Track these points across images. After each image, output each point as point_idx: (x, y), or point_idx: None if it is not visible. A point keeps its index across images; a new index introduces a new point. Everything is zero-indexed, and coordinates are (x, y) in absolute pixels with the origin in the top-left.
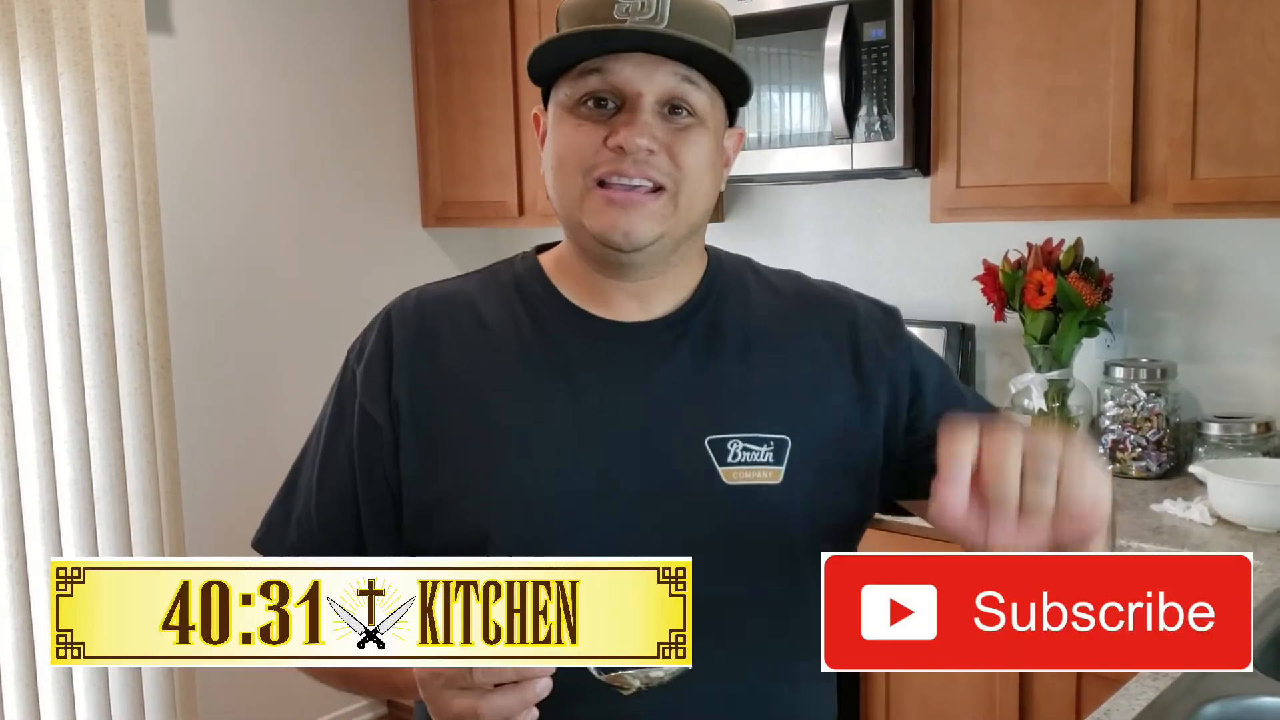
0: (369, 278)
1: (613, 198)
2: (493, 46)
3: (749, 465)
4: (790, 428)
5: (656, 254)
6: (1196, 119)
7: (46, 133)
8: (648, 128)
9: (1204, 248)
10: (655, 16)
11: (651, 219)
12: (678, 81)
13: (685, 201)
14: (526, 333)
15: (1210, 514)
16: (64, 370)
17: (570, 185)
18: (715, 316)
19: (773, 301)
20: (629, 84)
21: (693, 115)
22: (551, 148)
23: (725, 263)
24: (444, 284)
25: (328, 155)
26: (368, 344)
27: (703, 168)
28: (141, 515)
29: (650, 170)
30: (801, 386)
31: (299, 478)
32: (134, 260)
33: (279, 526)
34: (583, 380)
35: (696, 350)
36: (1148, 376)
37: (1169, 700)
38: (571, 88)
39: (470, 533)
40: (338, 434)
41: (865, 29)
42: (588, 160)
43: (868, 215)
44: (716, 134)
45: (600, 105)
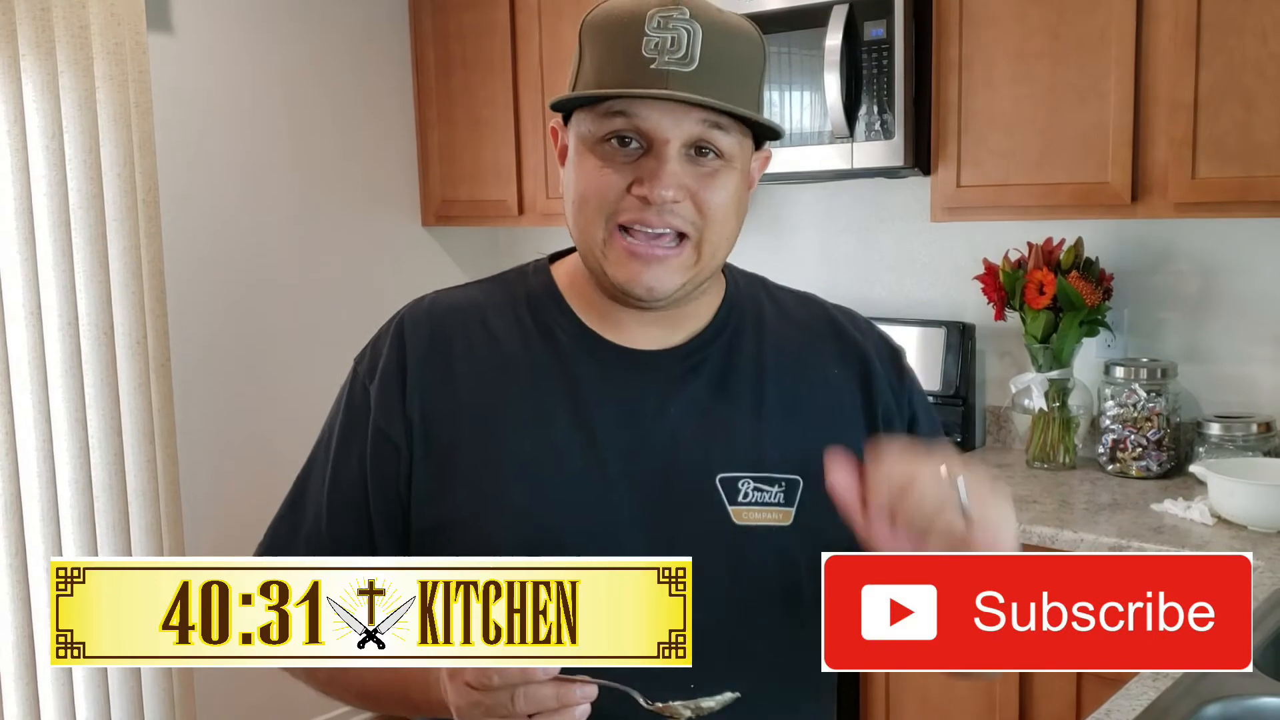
0: (369, 277)
1: (636, 250)
2: (493, 46)
3: (760, 506)
4: (802, 467)
5: (678, 299)
6: (1197, 118)
7: (46, 131)
8: (674, 177)
9: (1204, 247)
10: (686, 58)
11: (674, 271)
12: (705, 128)
13: (709, 250)
14: (539, 355)
15: (1210, 514)
16: (63, 368)
17: (593, 228)
18: (731, 348)
19: (788, 330)
20: (656, 130)
21: (720, 158)
22: (574, 183)
23: (741, 286)
24: (456, 293)
25: (327, 154)
26: (380, 357)
27: (728, 212)
28: (141, 513)
29: (674, 220)
30: (814, 421)
31: (306, 491)
32: (134, 258)
33: (285, 541)
34: (595, 409)
35: (710, 384)
36: (1148, 376)
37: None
38: (595, 124)
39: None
40: (348, 448)
41: (865, 28)
42: (610, 205)
43: (868, 214)
44: (743, 172)
45: (624, 143)
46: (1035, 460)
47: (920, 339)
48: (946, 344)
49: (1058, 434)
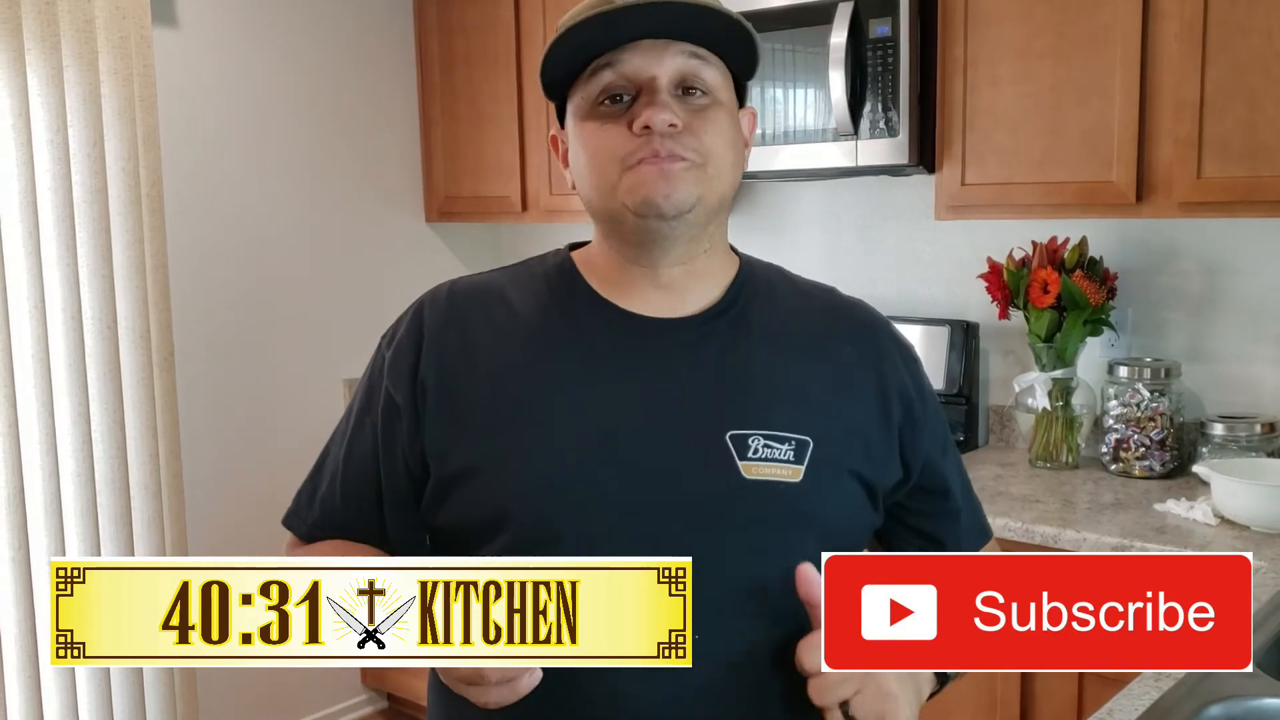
0: (372, 272)
1: (648, 169)
2: (497, 41)
3: (769, 461)
4: (813, 430)
5: (694, 222)
6: (1202, 117)
7: (51, 125)
8: (667, 106)
9: (1209, 247)
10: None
11: (688, 182)
12: (687, 59)
13: (714, 172)
14: (556, 322)
15: (1213, 514)
16: (67, 362)
17: (606, 175)
18: (743, 317)
19: (802, 306)
20: (641, 71)
21: (707, 94)
22: (582, 153)
23: (757, 268)
24: (476, 276)
25: (331, 149)
26: (399, 330)
27: (725, 144)
28: (143, 507)
29: (677, 148)
30: (826, 390)
31: (327, 458)
32: (137, 253)
33: (305, 505)
34: (609, 370)
35: (723, 348)
36: (1152, 376)
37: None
38: (586, 90)
39: (489, 511)
40: (365, 415)
41: (871, 25)
42: (620, 151)
43: (872, 212)
44: (731, 112)
45: (617, 101)
46: (1038, 459)
47: (924, 337)
48: (950, 342)
49: (1061, 433)
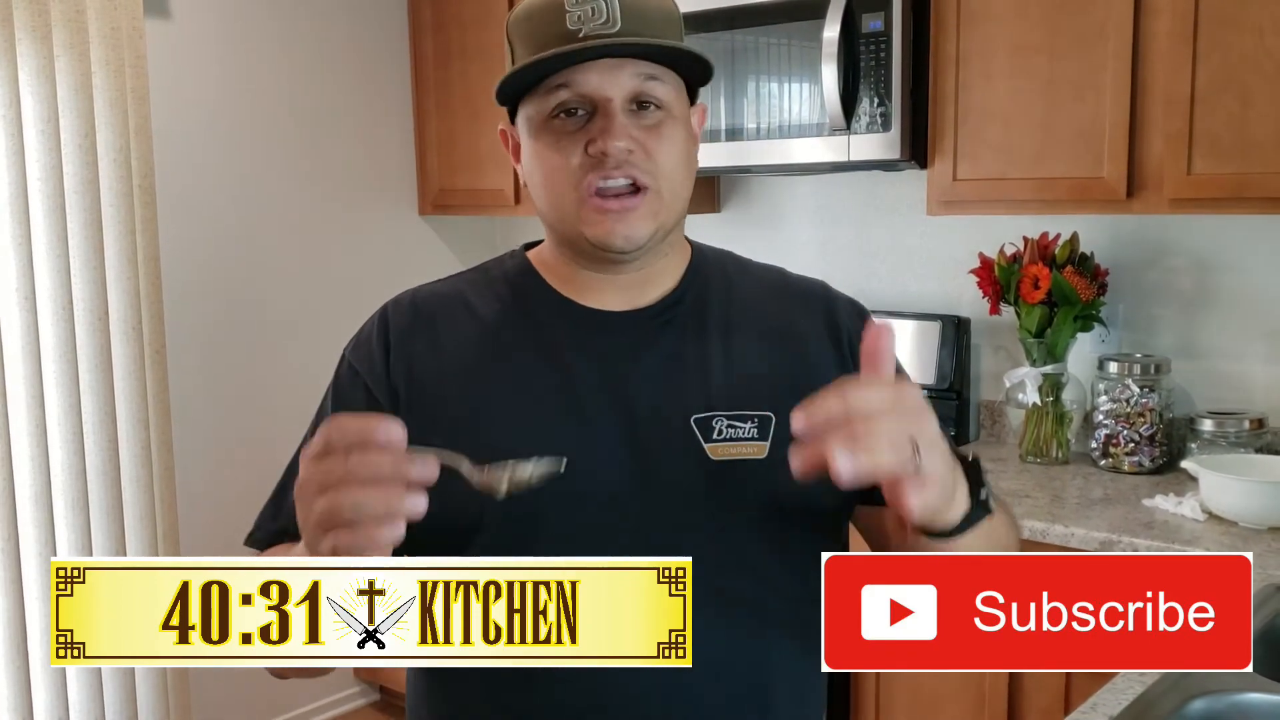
0: (365, 264)
1: (606, 207)
2: (491, 35)
3: (734, 441)
4: (774, 404)
5: (651, 248)
6: (1193, 114)
7: (42, 116)
8: (623, 129)
9: (1199, 243)
10: (608, 20)
11: (644, 219)
12: (642, 80)
13: (668, 196)
14: (516, 321)
15: (1202, 509)
16: (58, 354)
17: (563, 199)
18: (699, 304)
19: (754, 287)
20: (597, 91)
21: (660, 108)
22: (536, 166)
23: (708, 255)
24: (436, 284)
25: (325, 142)
26: (364, 338)
27: (678, 160)
28: (135, 500)
29: (632, 170)
30: (785, 364)
31: (291, 476)
32: (129, 245)
33: (268, 520)
34: (572, 364)
35: (681, 335)
36: (1141, 372)
37: (1155, 695)
38: (540, 104)
39: (463, 515)
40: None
41: (864, 20)
42: (574, 173)
43: (864, 207)
44: (684, 121)
45: (571, 114)
46: (1028, 455)
47: (915, 332)
48: (941, 338)
49: (1051, 428)
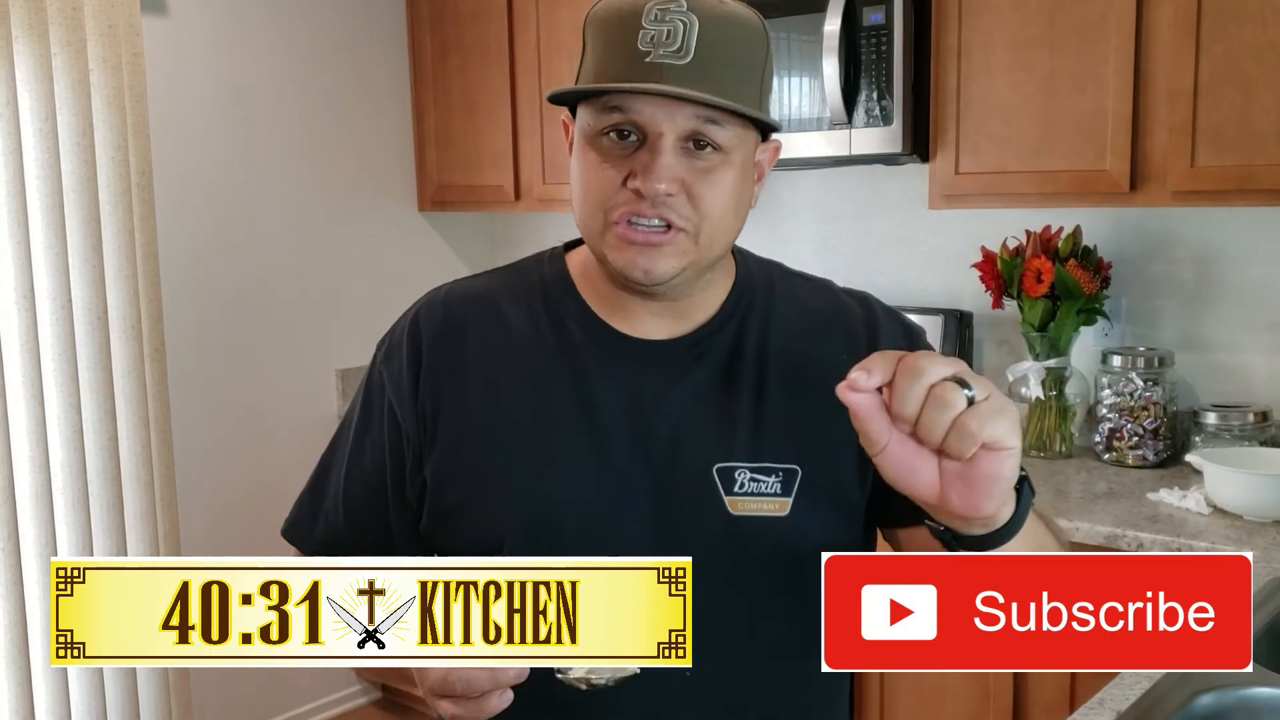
0: (364, 261)
1: (631, 238)
2: (490, 30)
3: (755, 496)
4: (801, 458)
5: (680, 285)
6: (1196, 106)
7: (39, 113)
8: (667, 170)
9: (1202, 236)
10: (681, 50)
11: (671, 256)
12: (700, 123)
13: (705, 240)
14: (549, 344)
15: (1206, 503)
16: (57, 353)
17: (592, 220)
18: (737, 336)
19: (797, 318)
20: (650, 123)
21: (717, 151)
22: (577, 177)
23: (754, 272)
24: (472, 282)
25: (323, 138)
26: (397, 345)
27: (724, 209)
28: (135, 498)
29: (668, 213)
30: (817, 409)
31: (330, 471)
32: (128, 242)
33: (306, 520)
34: (599, 396)
35: (714, 372)
36: (1145, 365)
37: (1163, 690)
38: (594, 119)
39: (484, 537)
40: (365, 433)
41: (864, 13)
42: (608, 200)
43: (866, 201)
44: (744, 166)
45: (623, 137)
46: (1032, 449)
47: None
48: (944, 332)
49: (1054, 422)
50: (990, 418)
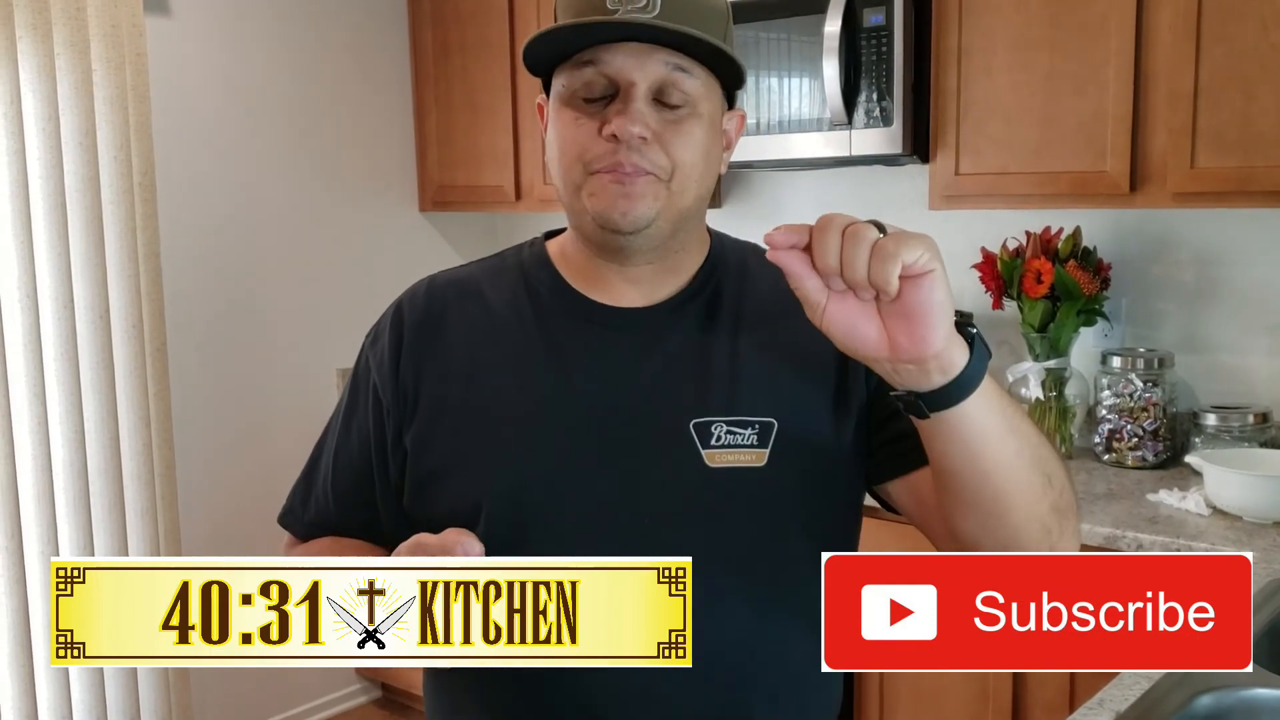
0: (365, 261)
1: (609, 180)
2: (491, 30)
3: (732, 448)
4: (777, 411)
5: (654, 236)
6: (1197, 107)
7: (43, 114)
8: (640, 115)
9: (1203, 237)
10: (647, 5)
11: (647, 199)
12: (669, 70)
13: (676, 189)
14: (527, 317)
15: (1206, 504)
16: (59, 352)
17: (570, 175)
18: (711, 301)
19: (768, 284)
20: (621, 73)
21: (685, 104)
22: (553, 140)
23: (728, 247)
24: (454, 271)
25: (325, 138)
26: (380, 330)
27: (695, 159)
28: (136, 497)
29: (642, 161)
30: (790, 365)
31: (320, 456)
32: (130, 242)
33: (299, 505)
34: (575, 362)
35: (688, 335)
36: (1145, 366)
37: (1163, 691)
38: (568, 79)
39: (462, 508)
40: (352, 416)
41: (865, 14)
42: (586, 153)
43: (866, 202)
44: (712, 121)
45: (596, 99)
46: None
47: None
48: None
49: (1054, 423)
50: (905, 239)
